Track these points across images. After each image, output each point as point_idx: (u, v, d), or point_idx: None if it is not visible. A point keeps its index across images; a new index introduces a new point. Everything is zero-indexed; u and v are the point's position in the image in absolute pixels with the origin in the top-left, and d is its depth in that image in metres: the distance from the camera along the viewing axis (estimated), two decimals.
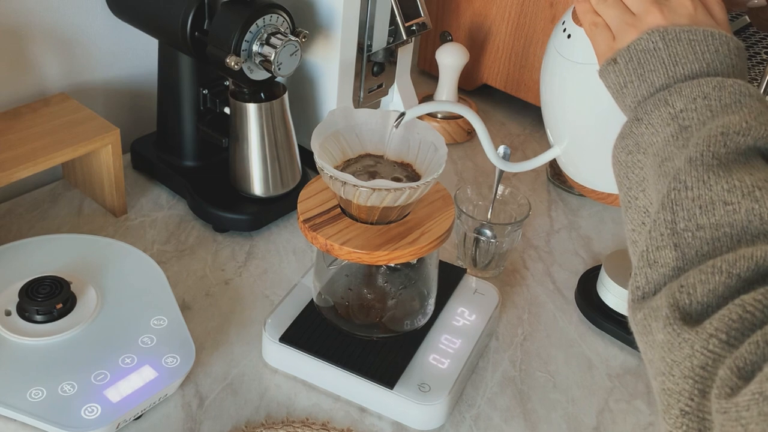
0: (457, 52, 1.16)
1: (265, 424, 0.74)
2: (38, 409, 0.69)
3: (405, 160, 0.75)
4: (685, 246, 0.46)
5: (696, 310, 0.43)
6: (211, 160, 1.01)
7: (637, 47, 0.56)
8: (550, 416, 0.78)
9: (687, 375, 0.42)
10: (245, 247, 0.95)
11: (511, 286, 0.94)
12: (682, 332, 0.42)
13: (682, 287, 0.44)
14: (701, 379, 0.41)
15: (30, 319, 0.76)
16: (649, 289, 0.47)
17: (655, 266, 0.47)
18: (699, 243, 0.46)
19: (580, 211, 1.07)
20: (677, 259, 0.46)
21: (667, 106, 0.52)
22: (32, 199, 0.99)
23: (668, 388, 0.43)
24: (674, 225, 0.47)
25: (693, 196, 0.47)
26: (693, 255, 0.46)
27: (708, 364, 0.41)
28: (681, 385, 0.42)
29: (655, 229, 0.48)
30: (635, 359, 0.85)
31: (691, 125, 0.51)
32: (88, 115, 0.95)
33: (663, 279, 0.47)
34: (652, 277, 0.47)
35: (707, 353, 0.41)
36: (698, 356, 0.41)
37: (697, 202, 0.46)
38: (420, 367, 0.76)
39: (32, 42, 0.97)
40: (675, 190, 0.47)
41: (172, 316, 0.79)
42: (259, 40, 0.86)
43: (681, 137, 0.51)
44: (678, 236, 0.47)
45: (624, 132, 0.55)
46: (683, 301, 0.44)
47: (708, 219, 0.46)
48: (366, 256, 0.70)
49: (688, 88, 0.52)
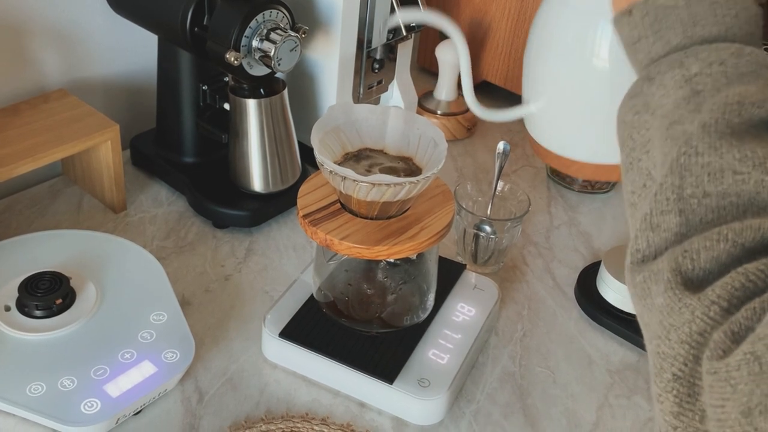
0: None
1: (264, 419, 0.74)
2: (38, 404, 0.69)
3: (405, 155, 0.75)
4: (690, 212, 0.45)
5: (698, 276, 0.43)
6: (210, 157, 1.01)
7: (656, 2, 0.54)
8: (549, 412, 0.78)
9: (684, 340, 0.41)
10: (245, 243, 0.95)
11: (511, 282, 0.94)
12: (683, 297, 0.42)
13: (685, 252, 0.44)
14: (697, 345, 0.41)
15: (29, 314, 0.76)
16: (650, 252, 0.47)
17: (658, 230, 0.47)
18: (704, 210, 0.45)
19: (580, 208, 1.07)
20: (680, 224, 0.46)
21: (681, 68, 0.51)
22: (32, 195, 0.99)
23: (663, 351, 0.43)
24: (681, 190, 0.46)
25: (703, 163, 0.46)
26: (697, 222, 0.45)
27: (706, 331, 0.41)
28: (676, 349, 0.42)
29: (660, 193, 0.47)
30: (635, 355, 0.85)
31: (704, 90, 0.49)
32: (88, 111, 0.95)
33: (664, 243, 0.46)
34: (653, 240, 0.47)
35: (707, 320, 0.41)
36: (698, 322, 0.41)
37: (707, 169, 0.45)
38: (420, 363, 0.76)
39: (32, 38, 0.97)
40: (685, 155, 0.46)
41: (172, 311, 0.80)
42: (259, 36, 0.86)
43: (693, 101, 0.49)
44: (684, 202, 0.46)
45: (633, 91, 0.54)
46: (686, 266, 0.43)
47: (716, 187, 0.45)
48: (366, 251, 0.70)
49: (705, 51, 0.51)
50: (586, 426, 0.77)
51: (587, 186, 1.09)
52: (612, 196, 1.10)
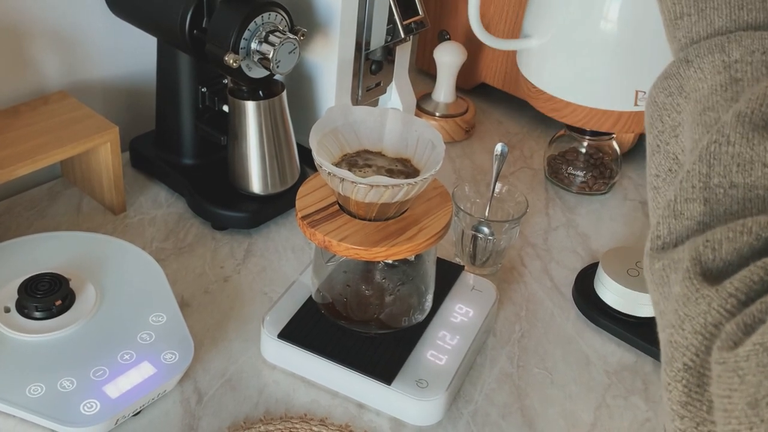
0: (455, 50, 1.17)
1: (263, 420, 0.75)
2: (37, 405, 0.70)
3: (403, 156, 0.75)
4: (715, 202, 0.45)
5: (718, 266, 0.42)
6: (209, 158, 1.01)
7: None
8: (547, 412, 0.79)
9: (698, 331, 0.41)
10: (244, 245, 0.95)
11: (509, 284, 0.94)
12: (702, 288, 0.41)
13: (707, 242, 0.43)
14: (711, 336, 0.40)
15: (29, 315, 0.77)
16: (671, 239, 0.46)
17: (681, 218, 0.46)
18: (729, 201, 0.44)
19: (578, 209, 1.07)
20: (704, 213, 0.45)
21: (722, 53, 0.49)
22: (31, 197, 0.99)
23: (676, 341, 0.42)
24: (708, 179, 0.45)
25: (733, 153, 0.45)
26: (721, 212, 0.44)
27: (721, 323, 0.40)
28: (690, 339, 0.41)
29: (687, 180, 0.46)
30: (632, 356, 0.86)
31: (743, 78, 0.48)
32: (87, 113, 0.95)
33: (686, 232, 0.45)
34: (675, 228, 0.46)
35: (723, 312, 0.40)
36: (713, 314, 0.40)
37: (736, 160, 0.44)
38: (418, 363, 0.77)
39: (31, 40, 0.97)
40: (716, 143, 0.45)
41: (171, 312, 0.80)
42: (258, 38, 0.86)
43: (730, 89, 0.48)
44: (710, 191, 0.45)
45: (669, 72, 0.52)
46: (707, 256, 0.42)
47: (743, 178, 0.44)
48: (364, 252, 0.70)
49: (749, 38, 0.49)
50: (583, 426, 0.78)
51: (585, 188, 1.10)
52: (610, 198, 1.10)
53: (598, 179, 1.09)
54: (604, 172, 1.09)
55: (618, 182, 1.12)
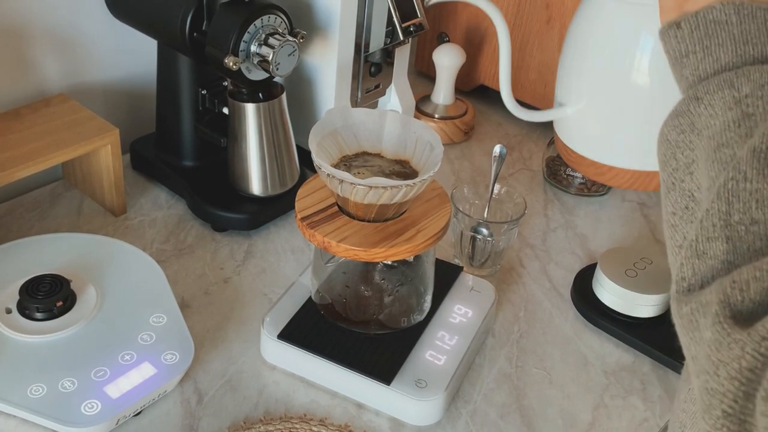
0: (454, 53, 1.17)
1: (263, 420, 0.75)
2: (39, 406, 0.70)
3: (402, 158, 0.76)
4: (738, 239, 0.44)
5: (748, 308, 0.41)
6: (209, 160, 1.02)
7: (707, 16, 0.52)
8: (545, 412, 0.79)
9: (734, 376, 0.40)
10: (244, 246, 0.96)
11: (508, 284, 0.94)
12: (733, 332, 0.40)
13: (734, 283, 0.42)
14: (748, 382, 0.40)
15: (30, 316, 0.77)
16: (696, 281, 0.45)
17: (704, 257, 0.45)
18: (752, 238, 0.44)
19: (576, 210, 1.08)
20: (728, 252, 0.44)
21: (732, 89, 0.49)
22: (32, 198, 1.00)
23: (712, 387, 0.41)
24: (728, 216, 0.45)
25: (751, 189, 0.44)
26: (745, 250, 0.44)
27: (757, 367, 0.39)
28: (726, 386, 0.41)
29: (707, 219, 0.46)
30: (630, 356, 0.86)
31: (755, 113, 0.48)
32: (88, 116, 0.95)
33: (711, 272, 0.45)
34: (699, 268, 0.45)
35: (758, 356, 0.39)
36: (748, 358, 0.40)
37: (755, 196, 0.44)
38: (417, 364, 0.77)
39: (32, 43, 0.98)
40: (733, 180, 0.45)
41: (172, 313, 0.80)
42: (257, 41, 0.87)
43: (743, 124, 0.48)
44: (731, 228, 0.44)
45: (679, 110, 0.52)
46: (735, 297, 0.42)
47: (764, 214, 0.44)
48: (363, 253, 0.71)
49: (757, 72, 0.49)
50: (581, 426, 0.78)
51: (584, 189, 1.10)
52: (608, 199, 1.11)
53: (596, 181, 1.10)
54: None
55: None
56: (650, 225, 1.06)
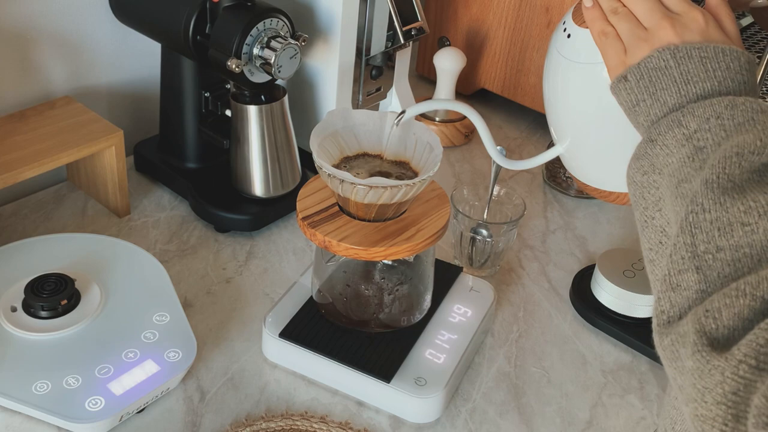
0: (455, 56, 1.18)
1: (265, 417, 0.76)
2: (43, 402, 0.71)
3: (402, 159, 0.77)
4: (707, 268, 0.46)
5: (723, 334, 0.43)
6: (212, 162, 1.03)
7: (648, 65, 0.56)
8: (544, 410, 0.80)
9: (719, 401, 0.42)
10: (246, 247, 0.97)
11: (507, 285, 0.95)
12: (711, 359, 0.42)
13: (707, 312, 0.44)
14: (734, 404, 0.41)
15: (35, 315, 0.78)
16: (674, 313, 0.47)
17: (678, 290, 0.47)
18: (720, 265, 0.46)
19: (576, 212, 1.09)
20: (700, 281, 0.46)
21: (680, 127, 0.52)
22: (37, 200, 1.01)
23: (701, 414, 0.43)
24: (694, 248, 0.47)
25: (711, 219, 0.46)
26: (715, 277, 0.46)
27: (740, 390, 0.41)
28: (714, 411, 0.42)
29: (675, 253, 0.48)
30: (628, 356, 0.87)
31: (706, 146, 0.50)
32: (93, 118, 0.97)
33: (687, 302, 0.47)
34: (676, 300, 0.47)
35: (738, 379, 0.41)
36: (729, 383, 0.41)
37: (716, 224, 0.46)
38: (416, 362, 0.78)
39: (38, 46, 0.99)
40: (693, 213, 0.47)
41: (175, 312, 0.81)
42: (260, 44, 0.88)
43: (697, 158, 0.50)
44: (699, 259, 0.46)
45: (638, 153, 0.55)
46: (709, 326, 0.43)
47: (727, 241, 0.46)
48: (363, 252, 0.72)
49: (701, 108, 0.52)
50: (579, 424, 0.79)
51: (583, 191, 1.11)
52: None
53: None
54: None
55: None
56: None
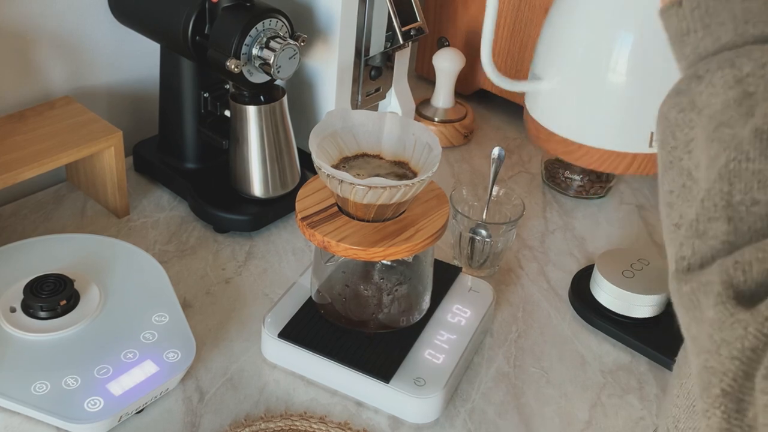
0: (454, 57, 1.18)
1: (264, 417, 0.76)
2: (42, 402, 0.71)
3: (401, 159, 0.77)
4: (739, 220, 0.44)
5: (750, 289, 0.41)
6: (211, 162, 1.03)
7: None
8: (543, 410, 0.80)
9: (735, 356, 0.40)
10: (245, 247, 0.97)
11: (506, 285, 0.95)
12: (736, 312, 0.41)
13: (737, 263, 0.42)
14: (749, 361, 0.40)
15: (34, 315, 0.78)
16: (696, 260, 0.45)
17: (705, 237, 0.45)
18: (753, 219, 0.44)
19: (575, 213, 1.09)
20: (728, 233, 0.44)
21: (733, 68, 0.48)
22: (36, 200, 1.01)
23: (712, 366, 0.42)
24: (730, 197, 0.44)
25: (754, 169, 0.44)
26: (745, 230, 0.44)
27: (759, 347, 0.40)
28: (727, 365, 0.41)
29: (708, 199, 0.45)
30: (627, 356, 0.87)
31: (756, 92, 0.47)
32: (92, 118, 0.97)
33: (711, 252, 0.45)
34: (699, 248, 0.45)
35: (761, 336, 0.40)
36: (750, 338, 0.40)
37: (757, 176, 0.44)
38: (416, 362, 0.78)
39: (37, 47, 0.99)
40: (735, 161, 0.45)
41: (174, 312, 0.81)
42: (259, 44, 0.88)
43: (744, 103, 0.47)
44: (732, 209, 0.44)
45: (679, 88, 0.51)
46: (737, 278, 0.42)
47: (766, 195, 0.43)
48: (362, 252, 0.72)
49: (759, 51, 0.48)
50: (578, 424, 0.79)
51: (582, 191, 1.11)
52: (606, 201, 1.12)
53: (594, 183, 1.11)
54: (600, 176, 1.11)
55: (614, 186, 1.14)
56: (648, 227, 1.07)
